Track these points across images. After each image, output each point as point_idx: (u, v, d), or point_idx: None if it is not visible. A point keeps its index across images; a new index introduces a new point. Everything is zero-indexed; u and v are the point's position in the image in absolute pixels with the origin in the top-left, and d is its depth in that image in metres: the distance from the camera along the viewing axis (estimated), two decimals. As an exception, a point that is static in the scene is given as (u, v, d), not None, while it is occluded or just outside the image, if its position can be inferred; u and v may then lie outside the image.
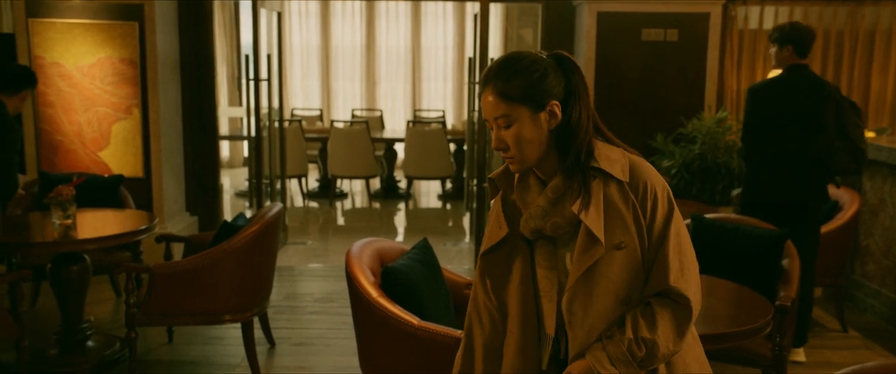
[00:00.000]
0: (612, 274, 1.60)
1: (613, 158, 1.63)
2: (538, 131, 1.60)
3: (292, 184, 8.52)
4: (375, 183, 9.00)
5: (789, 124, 3.79)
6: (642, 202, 1.61)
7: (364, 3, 10.57)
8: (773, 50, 3.93)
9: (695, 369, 1.70)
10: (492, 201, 1.77)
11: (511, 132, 1.60)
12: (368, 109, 10.46)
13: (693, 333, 1.73)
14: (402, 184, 8.76)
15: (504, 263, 1.72)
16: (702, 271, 2.41)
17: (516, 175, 1.71)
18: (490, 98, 1.61)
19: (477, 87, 5.89)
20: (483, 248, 1.74)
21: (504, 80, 1.59)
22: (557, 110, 1.60)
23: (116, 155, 5.43)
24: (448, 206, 8.32)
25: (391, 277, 2.67)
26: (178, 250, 4.41)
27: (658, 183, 1.63)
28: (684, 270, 1.61)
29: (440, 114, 10.07)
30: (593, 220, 1.58)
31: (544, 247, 1.68)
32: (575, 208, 1.59)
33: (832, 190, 4.59)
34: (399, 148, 8.72)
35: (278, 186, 6.51)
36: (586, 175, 1.61)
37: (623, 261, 1.60)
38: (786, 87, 3.85)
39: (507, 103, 1.59)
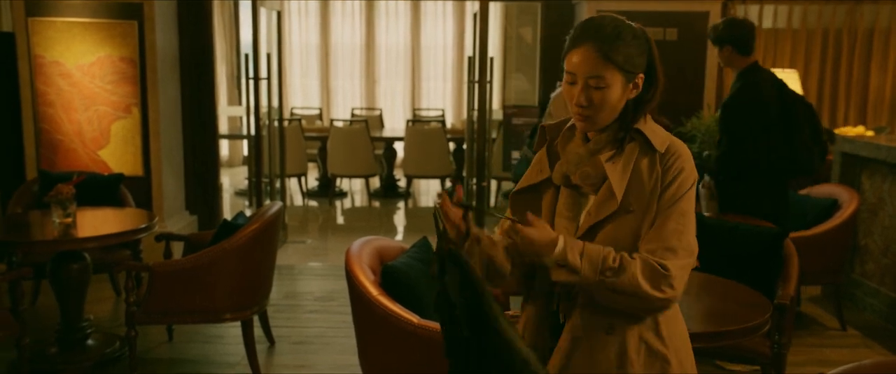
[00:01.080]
0: (620, 237, 1.62)
1: (657, 131, 1.67)
2: (622, 100, 1.63)
3: (292, 183, 8.52)
4: (375, 182, 9.01)
5: (767, 133, 3.70)
6: (664, 173, 1.63)
7: (364, 2, 10.57)
8: (715, 50, 3.84)
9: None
10: (537, 152, 1.80)
11: (600, 95, 1.60)
12: (368, 108, 10.46)
13: (680, 325, 1.75)
14: (402, 183, 8.76)
15: (530, 205, 1.75)
16: (700, 269, 2.42)
17: (565, 126, 1.74)
18: (589, 55, 1.59)
19: (476, 86, 5.91)
20: (516, 187, 1.79)
21: (611, 42, 1.59)
22: (640, 83, 1.64)
23: (116, 154, 5.43)
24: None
25: (391, 275, 2.68)
26: (177, 248, 4.42)
27: (688, 166, 1.65)
28: (678, 252, 1.60)
29: (440, 113, 10.07)
30: (617, 175, 1.62)
31: (569, 197, 1.70)
32: (604, 158, 1.64)
33: (831, 188, 4.59)
34: (398, 147, 8.73)
35: (278, 184, 6.51)
36: (627, 135, 1.65)
37: (631, 227, 1.62)
38: (756, 92, 3.71)
39: (607, 66, 1.59)
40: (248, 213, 4.26)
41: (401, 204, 8.33)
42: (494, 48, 9.00)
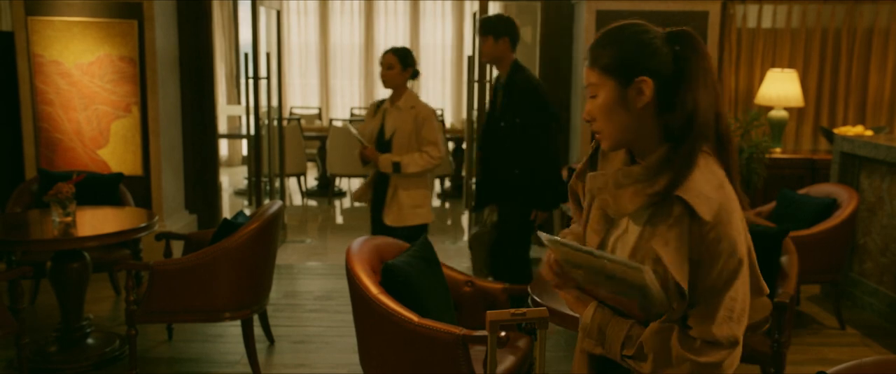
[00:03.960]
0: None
1: (707, 192, 1.41)
2: (623, 109, 1.46)
3: (291, 182, 8.52)
4: (374, 181, 8.99)
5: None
6: (708, 249, 1.41)
7: (363, 1, 10.56)
8: (485, 43, 3.74)
9: None
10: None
11: (596, 103, 1.49)
12: (367, 108, 10.45)
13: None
14: (401, 182, 8.75)
15: (580, 192, 1.70)
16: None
17: None
18: (585, 65, 1.51)
19: (476, 85, 5.91)
20: (577, 170, 1.71)
21: (599, 47, 1.48)
22: (646, 88, 1.44)
23: (116, 153, 5.43)
24: (447, 204, 8.32)
25: (391, 273, 2.68)
26: (177, 247, 4.41)
27: (736, 239, 1.42)
28: (719, 347, 1.43)
29: (439, 112, 10.08)
30: (674, 262, 1.42)
31: (598, 212, 1.57)
32: (658, 245, 1.43)
33: (829, 187, 4.60)
34: (398, 146, 8.72)
35: (277, 184, 6.51)
36: (673, 185, 1.42)
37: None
38: (542, 90, 3.75)
39: (595, 72, 1.48)
40: (247, 212, 4.27)
41: (400, 204, 8.32)
42: (494, 48, 9.00)
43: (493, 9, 9.32)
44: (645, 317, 1.48)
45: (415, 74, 4.10)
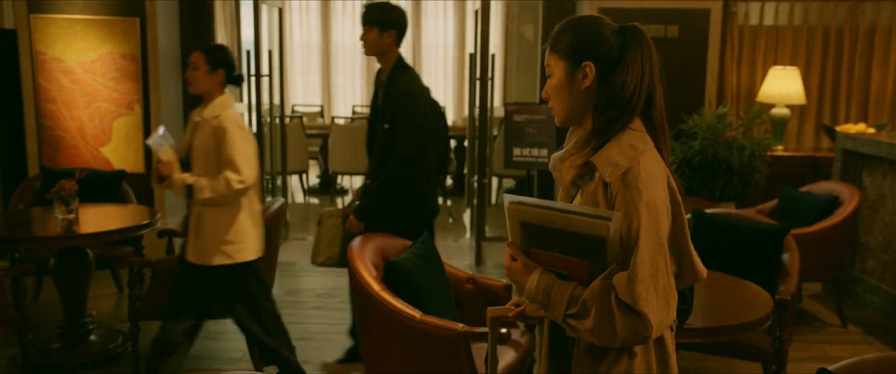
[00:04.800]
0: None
1: (614, 159, 1.55)
2: (570, 89, 1.63)
3: (293, 180, 8.52)
4: (376, 179, 9.00)
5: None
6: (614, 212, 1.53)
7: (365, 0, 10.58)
8: (369, 34, 3.35)
9: None
10: None
11: (551, 83, 1.67)
12: (369, 106, 10.46)
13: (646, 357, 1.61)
14: (403, 180, 8.76)
15: None
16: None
17: None
18: (547, 49, 1.69)
19: (477, 83, 5.92)
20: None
21: (559, 34, 1.66)
22: (589, 72, 1.61)
23: (118, 151, 5.44)
24: (448, 202, 8.32)
25: (393, 271, 2.69)
26: (179, 245, 4.42)
27: (639, 207, 1.51)
28: (646, 302, 1.48)
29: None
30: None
31: (565, 187, 1.70)
32: (576, 201, 1.62)
33: (831, 185, 4.60)
34: (399, 144, 8.71)
35: (279, 182, 6.52)
36: (593, 151, 1.59)
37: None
38: (421, 100, 3.37)
39: (551, 55, 1.66)
40: (249, 209, 4.27)
41: (402, 201, 8.32)
42: (496, 45, 9.01)
43: (495, 7, 9.32)
44: (589, 279, 1.54)
45: (233, 79, 3.21)
